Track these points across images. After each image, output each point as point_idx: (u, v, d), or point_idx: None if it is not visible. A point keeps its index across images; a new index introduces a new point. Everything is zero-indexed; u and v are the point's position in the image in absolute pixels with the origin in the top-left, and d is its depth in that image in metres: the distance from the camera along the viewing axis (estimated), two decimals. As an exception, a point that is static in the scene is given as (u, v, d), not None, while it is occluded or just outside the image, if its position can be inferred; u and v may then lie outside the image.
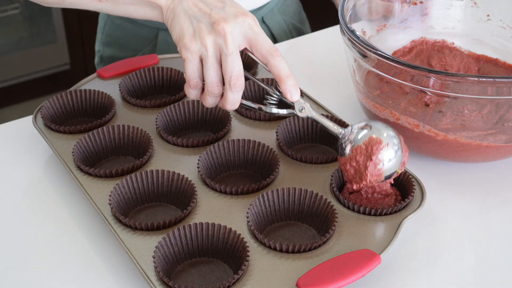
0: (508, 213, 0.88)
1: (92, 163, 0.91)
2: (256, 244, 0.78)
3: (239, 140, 0.90)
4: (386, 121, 0.94)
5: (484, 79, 0.83)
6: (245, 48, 0.82)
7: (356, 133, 0.82)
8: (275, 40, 1.34)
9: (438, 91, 0.85)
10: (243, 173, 0.91)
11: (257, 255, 0.76)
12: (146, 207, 0.85)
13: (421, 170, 0.91)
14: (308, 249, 0.77)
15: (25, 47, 2.47)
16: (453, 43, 1.11)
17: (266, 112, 0.85)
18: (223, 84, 0.81)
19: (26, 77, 2.56)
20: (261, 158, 0.89)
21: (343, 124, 0.93)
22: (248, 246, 0.75)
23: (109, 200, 0.81)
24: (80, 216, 0.86)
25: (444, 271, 0.79)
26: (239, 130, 0.96)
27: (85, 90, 1.00)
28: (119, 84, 1.03)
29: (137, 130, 0.93)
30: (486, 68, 1.09)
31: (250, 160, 0.90)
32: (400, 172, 0.82)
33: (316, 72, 1.18)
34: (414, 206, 0.83)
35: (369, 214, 0.81)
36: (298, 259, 0.76)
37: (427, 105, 0.92)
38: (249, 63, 1.11)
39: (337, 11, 1.33)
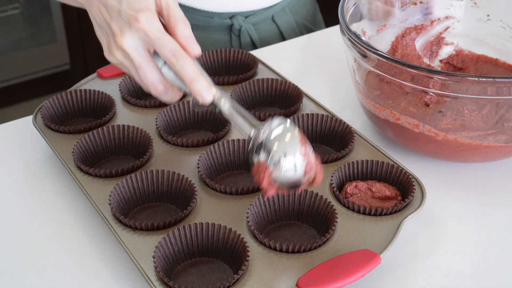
0: (508, 213, 0.88)
1: (92, 163, 0.91)
2: (256, 244, 0.78)
3: (239, 140, 0.90)
4: (386, 121, 0.94)
5: (484, 79, 0.82)
6: None
7: (256, 148, 0.73)
8: (283, 38, 1.33)
9: (438, 91, 0.85)
10: (243, 173, 0.91)
11: (257, 255, 0.76)
12: (146, 207, 0.85)
13: (421, 170, 0.91)
14: (308, 249, 0.77)
15: (25, 47, 2.47)
16: (452, 42, 1.12)
17: (196, 110, 0.81)
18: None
19: (26, 77, 2.56)
20: (261, 158, 0.89)
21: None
22: (248, 246, 0.75)
23: (109, 200, 0.81)
24: (80, 216, 0.86)
25: (444, 271, 0.79)
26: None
27: (85, 90, 1.00)
28: (119, 84, 1.03)
29: (137, 130, 0.92)
30: (486, 68, 1.09)
31: (250, 160, 0.90)
32: (311, 179, 0.74)
33: (317, 72, 1.18)
34: (414, 206, 0.83)
35: (369, 214, 0.81)
36: (298, 259, 0.76)
37: (427, 105, 0.92)
38: (248, 63, 1.11)
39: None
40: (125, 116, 0.99)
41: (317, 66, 1.20)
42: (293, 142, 0.71)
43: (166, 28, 0.76)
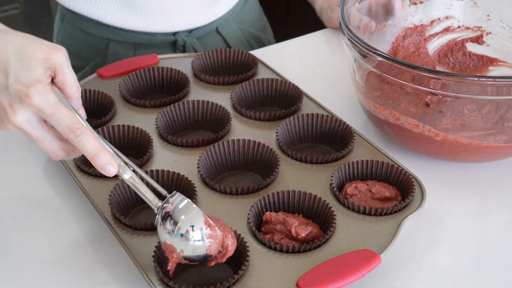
0: (508, 213, 0.88)
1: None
2: (256, 244, 0.78)
3: (239, 140, 0.90)
4: (386, 122, 0.94)
5: (484, 79, 0.83)
6: None
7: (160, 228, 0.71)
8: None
9: (439, 91, 0.85)
10: (243, 173, 0.91)
11: (257, 255, 0.76)
12: (146, 207, 0.85)
13: (421, 170, 0.91)
14: (308, 249, 0.77)
15: (25, 47, 2.47)
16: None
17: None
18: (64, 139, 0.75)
19: (26, 77, 2.56)
20: (261, 158, 0.89)
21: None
22: (248, 246, 0.75)
23: (109, 200, 0.81)
24: (80, 216, 0.86)
25: (444, 271, 0.79)
26: (239, 130, 0.96)
27: (85, 90, 1.00)
28: (119, 84, 1.03)
29: (137, 130, 0.92)
30: (486, 68, 1.09)
31: (250, 160, 0.90)
32: (221, 251, 0.71)
33: (317, 72, 1.18)
34: (414, 206, 0.83)
35: (369, 214, 0.81)
36: (298, 259, 0.76)
37: (427, 105, 0.92)
38: (248, 63, 1.11)
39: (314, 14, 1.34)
40: (125, 116, 0.99)
41: (317, 66, 1.20)
42: (197, 215, 0.70)
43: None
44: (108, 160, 0.72)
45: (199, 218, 0.69)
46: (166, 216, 0.70)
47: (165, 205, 0.71)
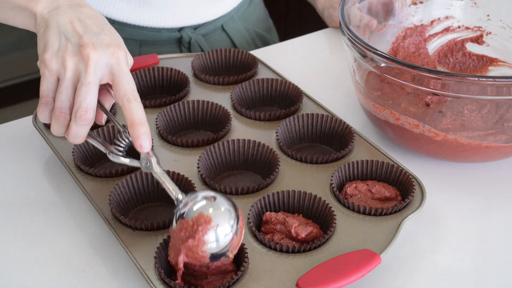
0: (508, 213, 0.88)
1: (92, 163, 0.91)
2: (256, 244, 0.78)
3: (239, 140, 0.90)
4: (385, 122, 0.94)
5: (484, 79, 0.83)
6: (107, 84, 0.75)
7: (191, 204, 0.72)
8: (235, 47, 1.31)
9: (439, 91, 0.85)
10: (243, 173, 0.91)
11: (257, 255, 0.76)
12: (146, 207, 0.85)
13: (421, 170, 0.91)
14: (308, 249, 0.77)
15: (25, 47, 2.47)
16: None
17: (112, 159, 0.77)
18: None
19: (26, 77, 2.56)
20: (261, 158, 0.89)
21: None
22: (247, 248, 0.75)
23: (109, 200, 0.81)
24: (80, 216, 0.86)
25: (444, 271, 0.79)
26: (239, 130, 0.96)
27: (85, 90, 1.00)
28: (119, 84, 1.03)
29: (137, 130, 0.92)
30: (486, 68, 1.09)
31: (250, 160, 0.90)
32: (232, 256, 0.72)
33: (317, 72, 1.18)
34: (414, 206, 0.83)
35: (369, 214, 0.81)
36: (298, 259, 0.76)
37: (427, 105, 0.92)
38: (248, 63, 1.11)
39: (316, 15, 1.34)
40: (125, 116, 0.98)
41: (317, 66, 1.20)
42: (226, 213, 0.72)
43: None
44: (148, 134, 0.72)
45: (226, 216, 0.72)
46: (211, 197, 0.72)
47: (184, 199, 0.73)
